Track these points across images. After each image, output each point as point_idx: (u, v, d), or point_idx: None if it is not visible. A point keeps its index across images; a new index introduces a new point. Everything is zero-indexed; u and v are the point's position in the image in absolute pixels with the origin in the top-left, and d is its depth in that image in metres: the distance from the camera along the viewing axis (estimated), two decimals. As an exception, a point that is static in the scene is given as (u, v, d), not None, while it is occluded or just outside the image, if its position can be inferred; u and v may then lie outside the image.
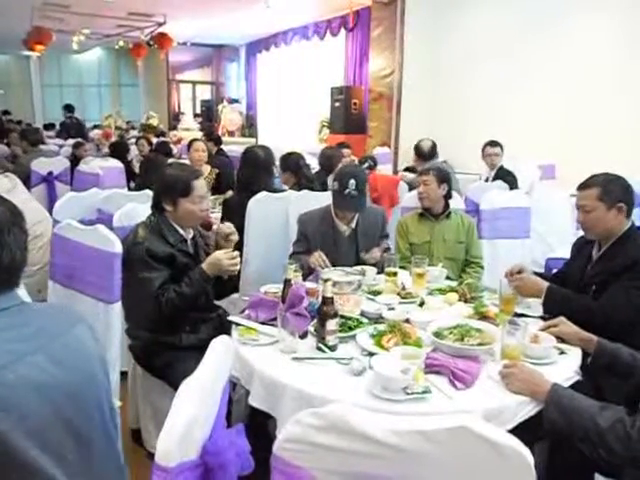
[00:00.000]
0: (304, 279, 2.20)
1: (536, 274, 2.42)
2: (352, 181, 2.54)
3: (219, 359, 1.02)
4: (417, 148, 4.83)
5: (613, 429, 1.33)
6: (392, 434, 0.76)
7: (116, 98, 15.69)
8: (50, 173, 5.27)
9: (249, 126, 13.42)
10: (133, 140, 7.57)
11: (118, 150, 5.78)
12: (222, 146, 6.29)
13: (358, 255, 2.68)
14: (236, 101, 13.75)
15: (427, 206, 2.91)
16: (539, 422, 1.49)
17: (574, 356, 1.77)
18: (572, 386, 1.61)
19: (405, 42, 8.13)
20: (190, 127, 13.43)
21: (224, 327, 2.26)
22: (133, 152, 6.33)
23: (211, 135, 6.55)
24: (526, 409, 1.49)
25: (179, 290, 2.08)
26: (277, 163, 4.02)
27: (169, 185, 2.19)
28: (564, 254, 2.54)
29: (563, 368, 1.69)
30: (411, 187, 4.21)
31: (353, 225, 2.72)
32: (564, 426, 1.42)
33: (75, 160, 5.80)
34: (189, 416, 0.81)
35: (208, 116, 13.94)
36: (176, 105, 15.68)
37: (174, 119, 14.60)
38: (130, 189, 4.69)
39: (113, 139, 8.33)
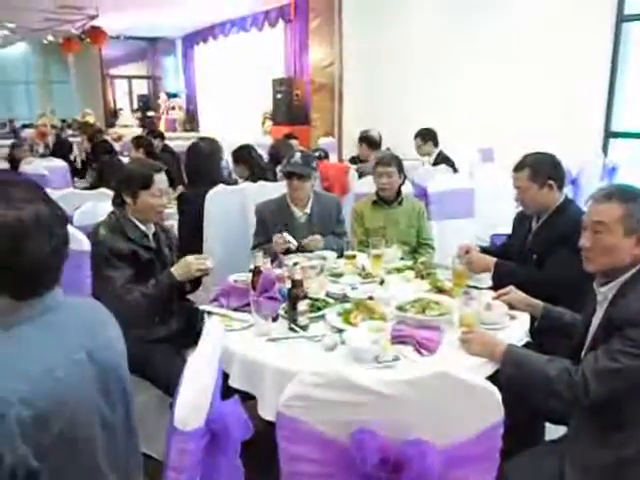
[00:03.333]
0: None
1: (482, 249, 2.61)
2: (298, 154, 2.80)
3: (215, 337, 1.11)
4: (367, 138, 4.99)
5: (560, 377, 1.50)
6: (384, 384, 0.88)
7: (47, 96, 15.02)
8: (-12, 175, 5.06)
9: (190, 120, 13.23)
10: (73, 139, 7.34)
11: (61, 149, 5.62)
12: (167, 142, 6.23)
13: None
14: (175, 95, 13.51)
15: (386, 195, 3.05)
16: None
17: (523, 320, 1.95)
18: (522, 347, 1.79)
19: (344, 33, 8.27)
20: (129, 123, 13.08)
21: (193, 317, 2.32)
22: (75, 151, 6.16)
23: (154, 132, 6.46)
24: (485, 368, 1.65)
25: (146, 292, 2.12)
26: (227, 157, 4.09)
27: (130, 177, 2.22)
28: (506, 230, 2.74)
29: (514, 331, 1.87)
30: (360, 175, 4.36)
31: (308, 210, 2.84)
32: (519, 380, 1.59)
33: (13, 161, 5.60)
34: (201, 384, 0.90)
35: (146, 111, 13.63)
36: (112, 101, 15.21)
37: (111, 116, 14.16)
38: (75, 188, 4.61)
39: (50, 138, 8.04)
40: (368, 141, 4.97)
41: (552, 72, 5.48)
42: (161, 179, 2.25)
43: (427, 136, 5.10)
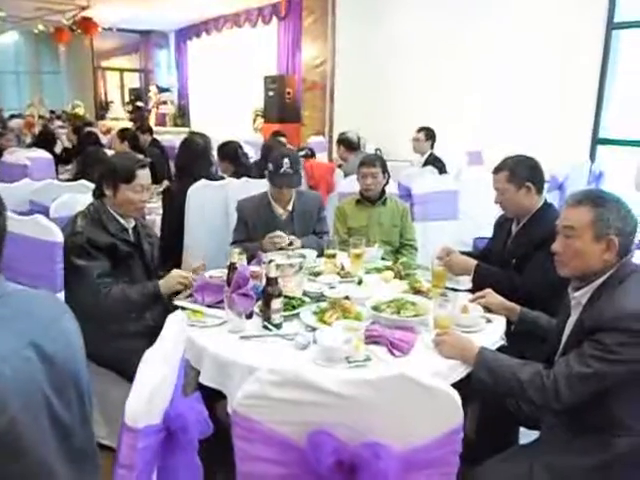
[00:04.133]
0: (247, 263, 2.27)
1: (464, 253, 2.60)
2: (286, 160, 2.66)
3: (176, 332, 1.08)
4: (344, 140, 4.99)
5: (532, 382, 1.50)
6: (341, 384, 0.86)
7: (37, 86, 14.86)
8: (-31, 164, 4.99)
9: (181, 115, 13.16)
10: (61, 131, 7.27)
11: (45, 140, 5.55)
12: (157, 136, 6.19)
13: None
14: (167, 90, 13.42)
15: (372, 196, 3.04)
16: (469, 386, 1.64)
17: (499, 324, 1.94)
18: (497, 350, 1.78)
19: (337, 31, 8.27)
20: (119, 116, 12.99)
21: (169, 312, 2.29)
22: (60, 142, 6.09)
23: (143, 127, 6.40)
24: (457, 371, 1.64)
25: (127, 292, 2.11)
26: (214, 152, 4.05)
27: (112, 169, 2.19)
28: (489, 233, 2.73)
29: (490, 334, 1.86)
30: (346, 174, 4.34)
31: (290, 208, 2.81)
32: (491, 383, 1.58)
33: (-4, 151, 5.53)
34: (155, 380, 0.88)
35: (137, 104, 13.52)
36: (103, 94, 15.07)
37: (101, 108, 14.04)
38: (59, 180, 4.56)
39: (36, 129, 7.96)
40: (346, 143, 4.97)
41: (542, 78, 5.51)
42: (144, 175, 2.23)
43: (429, 134, 5.14)
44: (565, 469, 1.50)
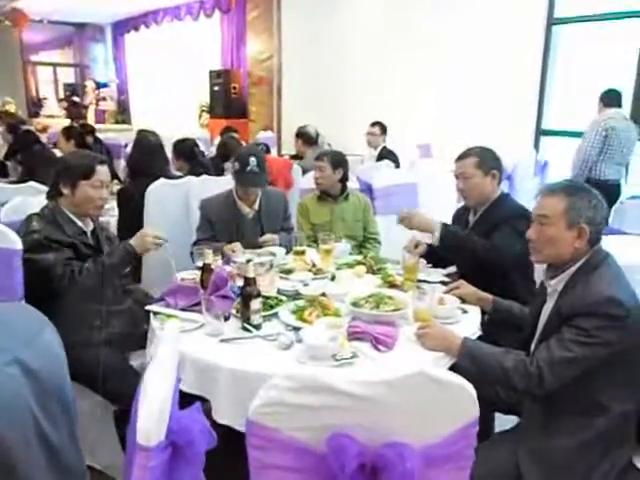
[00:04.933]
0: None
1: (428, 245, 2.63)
2: (252, 159, 2.60)
3: (171, 343, 1.03)
4: (304, 134, 4.97)
5: (516, 369, 1.53)
6: (358, 386, 0.85)
7: (-39, 82, 13.92)
8: None
9: (121, 112, 12.69)
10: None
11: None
12: (99, 134, 5.95)
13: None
14: (105, 85, 12.90)
15: (324, 190, 3.03)
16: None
17: (475, 314, 1.98)
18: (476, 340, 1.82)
19: (282, 25, 8.19)
20: (54, 113, 12.38)
21: (137, 319, 2.21)
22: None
23: (85, 128, 6.11)
24: (442, 362, 1.65)
25: (101, 260, 2.05)
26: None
27: (71, 166, 2.11)
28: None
29: (467, 325, 1.89)
30: (304, 170, 4.32)
31: (256, 207, 2.76)
32: (475, 373, 1.60)
33: None
34: (163, 394, 0.83)
35: (74, 99, 12.92)
36: (34, 89, 14.29)
37: (34, 105, 13.32)
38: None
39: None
40: (304, 137, 4.96)
41: (486, 73, 5.67)
42: (103, 171, 2.16)
43: (383, 128, 5.21)
44: (548, 452, 1.54)
